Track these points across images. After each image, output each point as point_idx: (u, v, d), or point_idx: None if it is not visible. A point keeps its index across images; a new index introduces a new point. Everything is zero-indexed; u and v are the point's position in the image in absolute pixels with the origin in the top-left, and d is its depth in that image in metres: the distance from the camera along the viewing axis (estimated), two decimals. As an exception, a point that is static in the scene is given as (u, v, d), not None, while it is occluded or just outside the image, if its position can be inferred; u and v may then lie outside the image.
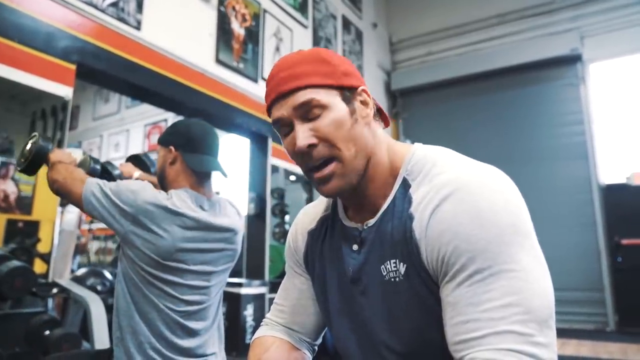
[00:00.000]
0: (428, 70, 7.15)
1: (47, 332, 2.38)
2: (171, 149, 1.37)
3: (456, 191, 0.59)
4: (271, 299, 3.00)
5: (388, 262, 0.66)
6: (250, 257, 4.44)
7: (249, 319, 3.80)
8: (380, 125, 0.74)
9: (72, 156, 1.35)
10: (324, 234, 0.80)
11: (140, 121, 7.80)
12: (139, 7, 3.38)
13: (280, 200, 5.23)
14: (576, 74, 6.09)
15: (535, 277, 0.54)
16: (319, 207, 0.84)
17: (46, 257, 2.95)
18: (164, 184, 1.40)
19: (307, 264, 0.83)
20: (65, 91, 2.80)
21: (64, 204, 2.84)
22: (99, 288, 3.31)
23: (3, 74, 2.52)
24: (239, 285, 3.86)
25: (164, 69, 3.52)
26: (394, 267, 0.65)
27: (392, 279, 0.65)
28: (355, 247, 0.72)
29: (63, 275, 3.29)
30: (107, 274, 3.52)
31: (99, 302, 2.53)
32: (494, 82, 6.62)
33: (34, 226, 3.72)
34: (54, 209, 2.82)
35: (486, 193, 0.58)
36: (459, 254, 0.56)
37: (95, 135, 8.44)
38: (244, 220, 1.50)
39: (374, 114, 0.72)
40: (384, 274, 0.66)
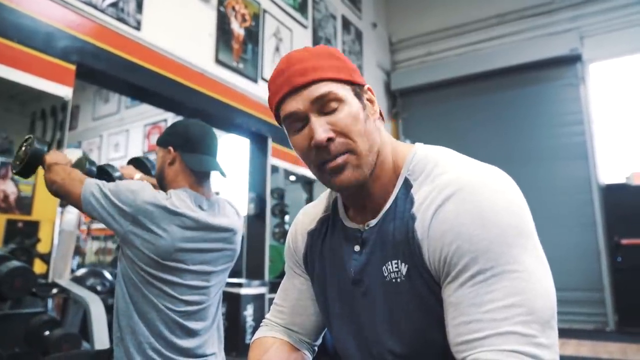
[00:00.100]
0: (428, 71, 7.15)
1: (47, 333, 2.38)
2: (170, 149, 1.37)
3: (459, 191, 0.58)
4: (271, 299, 3.00)
5: (389, 262, 0.66)
6: (250, 257, 4.44)
7: (249, 319, 3.80)
8: (383, 124, 0.74)
9: (67, 158, 1.34)
10: (324, 234, 0.80)
11: (140, 121, 7.81)
12: (139, 7, 3.37)
13: (280, 200, 5.24)
14: (576, 74, 6.09)
15: (537, 277, 0.54)
16: (318, 207, 0.84)
17: (46, 258, 2.95)
18: (163, 184, 1.40)
19: (307, 264, 0.83)
20: (64, 91, 2.80)
21: (63, 204, 2.84)
22: (98, 288, 3.31)
23: (2, 74, 2.51)
24: (239, 285, 3.86)
25: (164, 69, 3.52)
26: (396, 267, 0.65)
27: (393, 280, 0.65)
28: (356, 248, 0.71)
29: (63, 275, 3.29)
30: (107, 274, 3.52)
31: (99, 303, 2.53)
32: (493, 82, 6.62)
33: (33, 226, 3.72)
34: (53, 209, 2.82)
35: (488, 193, 0.57)
36: (461, 255, 0.56)
37: (95, 136, 8.44)
38: (243, 220, 1.50)
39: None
40: (385, 274, 0.66)
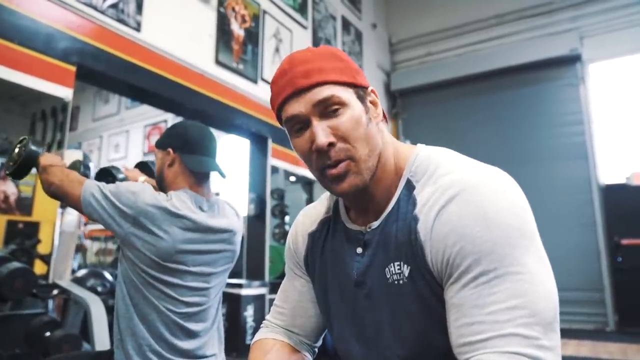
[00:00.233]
0: (427, 71, 7.15)
1: (48, 334, 2.38)
2: (169, 151, 1.37)
3: (462, 192, 0.58)
4: (271, 300, 3.00)
5: (392, 264, 0.65)
6: (250, 258, 4.44)
7: (249, 319, 3.80)
8: (386, 126, 0.73)
9: (62, 160, 1.33)
10: (325, 236, 0.79)
11: (140, 122, 7.81)
12: (139, 8, 3.37)
13: (280, 201, 5.24)
14: (576, 74, 6.09)
15: (540, 279, 0.54)
16: (319, 208, 0.83)
17: (46, 258, 2.95)
18: (163, 186, 1.40)
19: (308, 266, 0.82)
20: (65, 92, 2.80)
21: (64, 205, 2.84)
22: (99, 289, 3.31)
23: (3, 75, 2.51)
24: (239, 286, 3.86)
25: (164, 70, 3.52)
26: (398, 269, 0.64)
27: (395, 282, 0.65)
28: (359, 250, 0.71)
29: (63, 276, 3.29)
30: (107, 275, 3.52)
31: (99, 303, 2.53)
32: (493, 83, 6.62)
33: (34, 227, 3.72)
34: (54, 210, 2.82)
35: (491, 195, 0.57)
36: (464, 256, 0.55)
37: (95, 136, 8.45)
38: (242, 220, 1.50)
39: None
40: (387, 276, 0.66)
